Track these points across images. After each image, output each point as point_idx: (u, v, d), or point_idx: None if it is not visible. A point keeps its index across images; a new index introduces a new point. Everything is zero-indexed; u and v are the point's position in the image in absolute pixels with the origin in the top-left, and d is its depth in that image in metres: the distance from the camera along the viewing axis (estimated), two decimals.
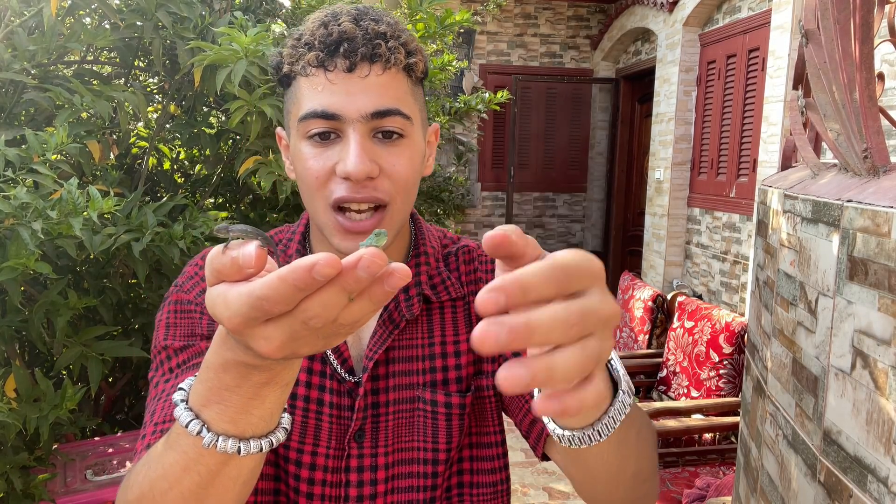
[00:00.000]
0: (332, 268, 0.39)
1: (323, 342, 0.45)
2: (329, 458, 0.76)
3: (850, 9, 0.81)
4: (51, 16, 1.48)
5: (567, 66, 6.46)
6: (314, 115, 0.69)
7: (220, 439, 0.51)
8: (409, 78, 0.73)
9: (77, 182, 1.32)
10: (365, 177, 0.68)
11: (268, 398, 0.51)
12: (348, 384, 0.76)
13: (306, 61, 0.69)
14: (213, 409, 0.51)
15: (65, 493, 1.55)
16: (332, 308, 0.40)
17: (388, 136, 0.71)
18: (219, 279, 0.43)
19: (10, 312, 1.47)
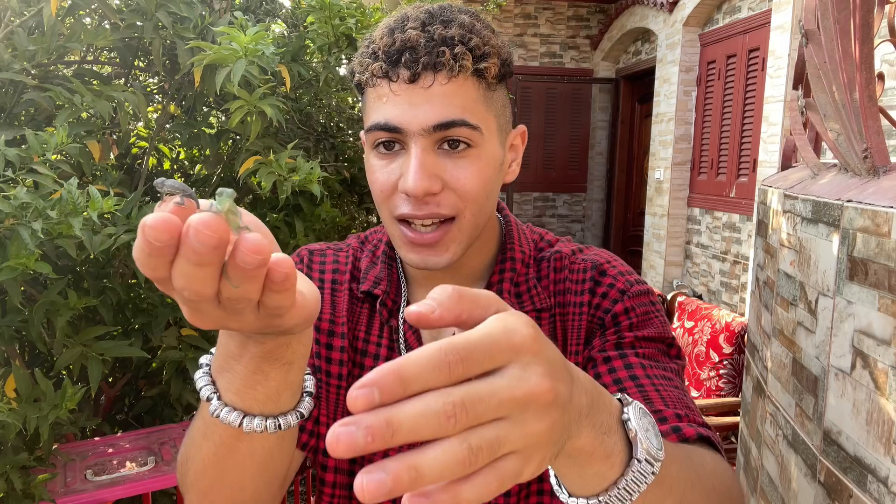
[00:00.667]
0: (160, 231, 0.36)
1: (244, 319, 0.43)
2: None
3: (850, 9, 0.81)
4: (51, 16, 1.48)
5: (567, 66, 6.46)
6: (378, 127, 0.68)
7: (225, 410, 0.51)
8: (480, 83, 0.68)
9: (77, 182, 1.32)
10: (424, 194, 0.66)
11: (271, 374, 0.50)
12: None
13: (371, 71, 0.68)
14: (225, 378, 0.51)
15: (65, 493, 1.55)
16: (194, 279, 0.38)
17: (455, 147, 0.68)
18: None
19: (10, 312, 1.47)
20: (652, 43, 5.53)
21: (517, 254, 0.79)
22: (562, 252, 0.80)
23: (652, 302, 0.76)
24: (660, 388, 0.69)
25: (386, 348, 0.76)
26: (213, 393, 0.52)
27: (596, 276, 0.77)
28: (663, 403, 0.67)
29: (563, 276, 0.78)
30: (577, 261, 0.79)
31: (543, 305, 0.77)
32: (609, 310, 0.75)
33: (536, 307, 0.76)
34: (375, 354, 0.76)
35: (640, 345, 0.73)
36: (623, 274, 0.77)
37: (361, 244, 0.83)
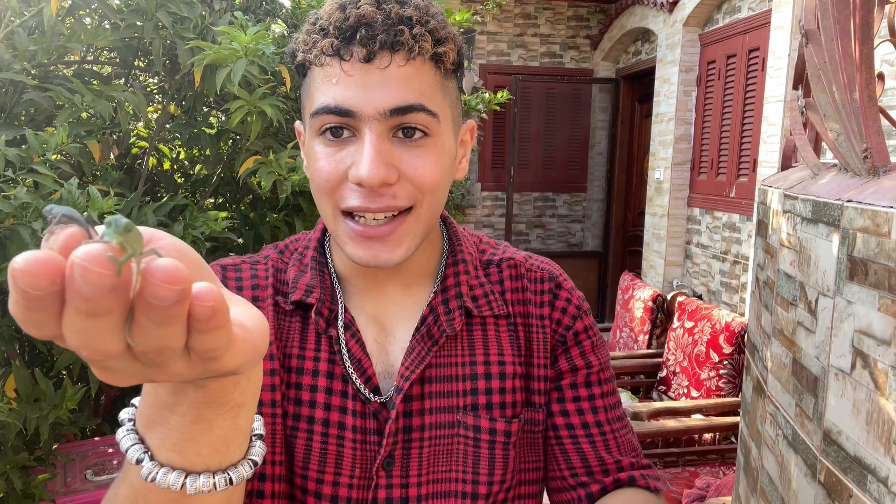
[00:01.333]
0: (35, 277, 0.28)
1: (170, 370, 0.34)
2: (353, 488, 0.67)
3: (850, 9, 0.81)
4: (51, 16, 1.48)
5: (567, 66, 6.46)
6: (326, 110, 0.61)
7: (161, 471, 0.42)
8: (437, 69, 0.63)
9: (77, 182, 1.32)
10: (380, 184, 0.60)
11: (215, 423, 0.42)
12: (373, 405, 0.67)
13: (320, 49, 0.61)
14: (157, 433, 0.42)
15: (65, 493, 1.55)
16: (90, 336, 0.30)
17: (410, 135, 0.62)
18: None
19: (10, 313, 1.47)
20: (652, 43, 5.53)
21: (467, 255, 0.75)
22: (515, 259, 0.77)
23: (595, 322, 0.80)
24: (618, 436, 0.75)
25: (326, 361, 0.69)
26: (144, 453, 0.42)
27: (554, 288, 0.76)
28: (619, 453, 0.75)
29: (521, 284, 0.76)
30: (533, 269, 0.77)
31: (501, 312, 0.74)
32: (570, 327, 0.75)
33: (495, 313, 0.73)
34: (314, 370, 0.68)
35: (604, 378, 0.76)
36: (573, 289, 0.78)
37: (281, 253, 0.75)
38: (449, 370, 0.70)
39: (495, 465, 0.70)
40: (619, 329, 4.35)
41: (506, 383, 0.71)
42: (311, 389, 0.68)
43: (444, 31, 0.64)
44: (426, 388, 0.69)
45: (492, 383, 0.71)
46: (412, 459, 0.68)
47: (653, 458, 2.95)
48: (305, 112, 0.66)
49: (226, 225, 1.57)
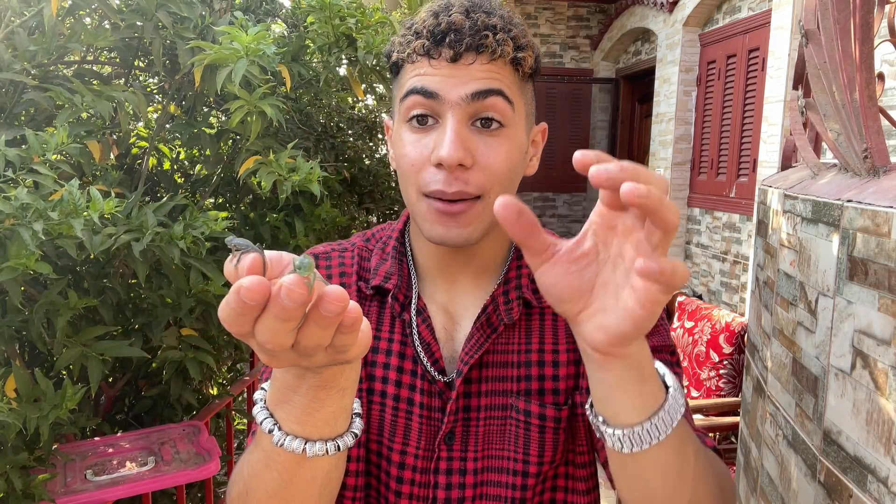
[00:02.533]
0: (253, 291, 0.41)
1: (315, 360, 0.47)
2: (418, 458, 0.75)
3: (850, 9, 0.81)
4: (51, 16, 1.48)
5: (567, 66, 6.46)
6: (414, 91, 0.68)
7: (288, 438, 0.54)
8: (515, 71, 0.70)
9: (77, 182, 1.32)
10: (457, 163, 0.66)
11: (327, 401, 0.53)
12: (439, 385, 0.75)
13: (413, 49, 0.69)
14: (283, 409, 0.54)
15: (65, 493, 1.55)
16: (277, 334, 0.43)
17: (487, 125, 0.69)
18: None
19: (10, 312, 1.47)
20: (652, 43, 5.53)
21: None
22: None
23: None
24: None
25: (398, 343, 0.77)
26: (274, 425, 0.54)
27: None
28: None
29: None
30: None
31: None
32: None
33: None
34: (388, 350, 0.76)
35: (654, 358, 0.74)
36: None
37: (367, 241, 0.83)
38: (505, 357, 0.76)
39: (545, 447, 0.75)
40: None
41: (558, 371, 0.76)
42: (384, 367, 0.76)
43: (524, 39, 0.71)
44: (484, 373, 0.75)
45: (545, 370, 0.76)
46: (470, 436, 0.75)
47: None
48: (396, 102, 0.73)
49: (226, 225, 1.57)
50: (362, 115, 2.47)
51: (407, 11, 2.05)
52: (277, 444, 0.54)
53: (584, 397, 0.76)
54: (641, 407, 0.54)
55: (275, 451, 0.55)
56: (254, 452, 0.59)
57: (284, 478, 0.56)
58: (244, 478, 0.61)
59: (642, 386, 0.54)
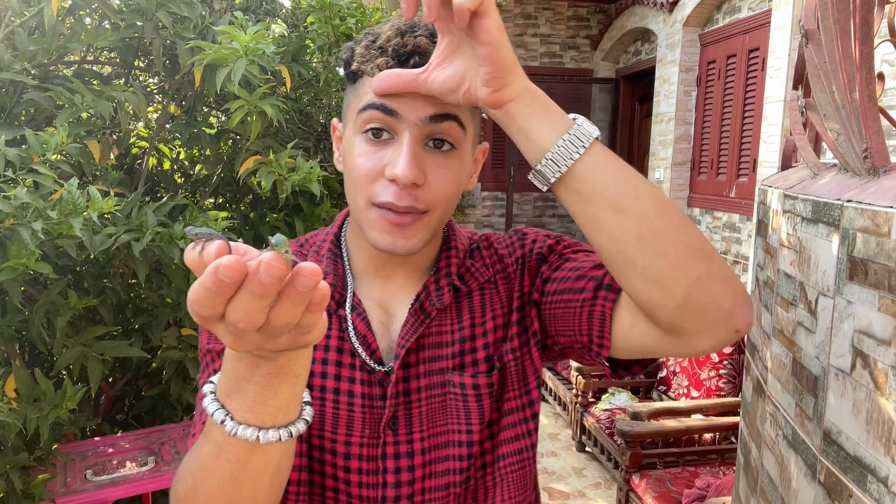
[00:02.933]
0: (232, 269, 0.42)
1: (280, 342, 0.49)
2: (364, 446, 0.77)
3: (850, 9, 0.81)
4: (51, 16, 1.48)
5: (567, 66, 6.46)
6: (374, 106, 0.70)
7: (241, 428, 0.55)
8: None
9: (77, 182, 1.32)
10: (411, 183, 0.69)
11: (280, 389, 0.54)
12: (378, 374, 0.78)
13: (377, 64, 0.71)
14: (235, 399, 0.55)
15: (65, 493, 1.55)
16: (250, 311, 0.44)
17: (440, 146, 0.72)
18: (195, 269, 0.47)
19: (10, 312, 1.47)
20: (652, 43, 5.53)
21: (459, 245, 0.86)
22: (485, 234, 0.91)
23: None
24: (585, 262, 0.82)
25: (336, 339, 0.79)
26: (226, 415, 0.55)
27: (519, 235, 0.88)
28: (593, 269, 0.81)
29: (492, 250, 0.87)
30: (500, 236, 0.90)
31: (485, 278, 0.84)
32: (542, 246, 0.85)
33: (480, 281, 0.84)
34: (325, 346, 0.79)
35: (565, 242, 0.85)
36: (539, 232, 0.88)
37: (301, 247, 0.86)
38: (440, 338, 0.80)
39: (484, 413, 0.80)
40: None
41: (488, 339, 0.81)
42: (322, 363, 0.78)
43: None
44: (421, 355, 0.79)
45: (476, 343, 0.81)
46: (413, 418, 0.78)
47: (653, 458, 2.95)
48: (351, 111, 0.75)
49: (226, 225, 1.57)
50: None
51: None
52: (230, 433, 0.55)
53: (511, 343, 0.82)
54: (553, 128, 0.64)
55: (227, 441, 0.56)
56: (202, 446, 0.60)
57: (236, 467, 0.58)
58: (192, 471, 0.62)
59: (548, 112, 0.65)
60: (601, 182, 0.64)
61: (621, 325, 0.74)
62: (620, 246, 0.65)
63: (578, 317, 0.77)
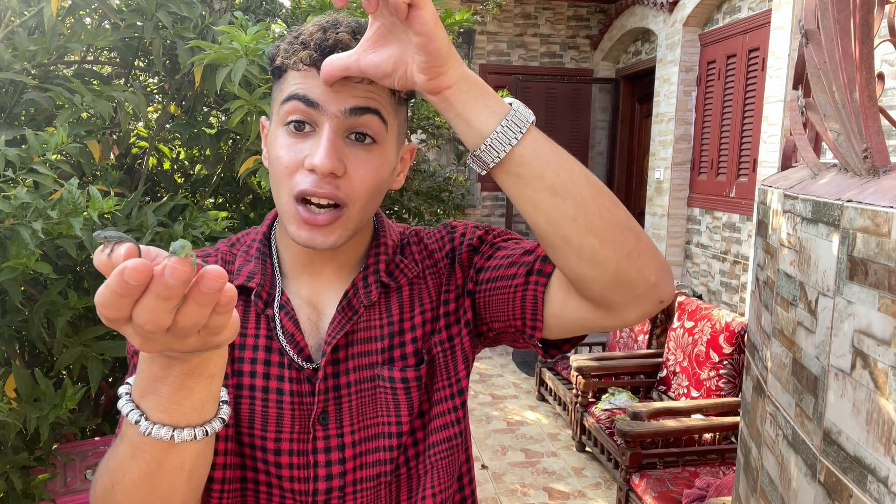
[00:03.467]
0: (138, 272, 0.43)
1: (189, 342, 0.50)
2: (294, 441, 0.78)
3: (850, 9, 0.81)
4: (51, 16, 1.48)
5: (567, 66, 6.46)
6: (296, 97, 0.72)
7: (155, 427, 0.56)
8: (392, 95, 0.76)
9: (77, 182, 1.32)
10: (329, 172, 0.71)
11: (195, 389, 0.55)
12: (307, 371, 0.79)
13: (300, 58, 0.72)
14: (150, 400, 0.56)
15: (65, 493, 1.55)
16: (157, 313, 0.46)
17: (361, 140, 0.73)
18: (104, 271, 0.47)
19: (10, 312, 1.47)
20: (652, 43, 5.53)
21: (388, 241, 0.87)
22: (416, 230, 0.91)
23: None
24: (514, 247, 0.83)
25: (264, 338, 0.80)
26: (141, 415, 0.56)
27: (448, 229, 0.89)
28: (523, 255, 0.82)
29: (422, 245, 0.88)
30: (430, 230, 0.91)
31: (414, 273, 0.85)
32: (472, 237, 0.86)
33: (408, 276, 0.85)
34: (254, 346, 0.79)
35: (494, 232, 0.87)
36: (468, 224, 0.89)
37: (231, 246, 0.87)
38: (369, 333, 0.82)
39: (413, 405, 0.82)
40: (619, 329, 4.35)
41: (416, 333, 0.83)
42: (251, 362, 0.79)
43: None
44: (350, 351, 0.80)
45: (405, 337, 0.83)
46: (343, 412, 0.79)
47: (653, 458, 2.95)
48: (275, 104, 0.77)
49: (226, 225, 1.57)
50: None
51: None
52: (145, 433, 0.55)
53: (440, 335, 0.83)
54: (491, 114, 0.66)
55: (142, 440, 0.56)
56: (119, 446, 0.61)
57: (152, 467, 0.58)
58: (109, 471, 0.62)
59: (485, 98, 0.66)
60: (538, 166, 0.66)
61: (553, 305, 0.76)
62: (556, 226, 0.68)
63: (511, 302, 0.79)
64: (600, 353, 4.06)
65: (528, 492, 3.34)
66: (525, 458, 3.71)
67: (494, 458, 3.69)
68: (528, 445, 3.88)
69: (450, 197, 2.85)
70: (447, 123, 2.57)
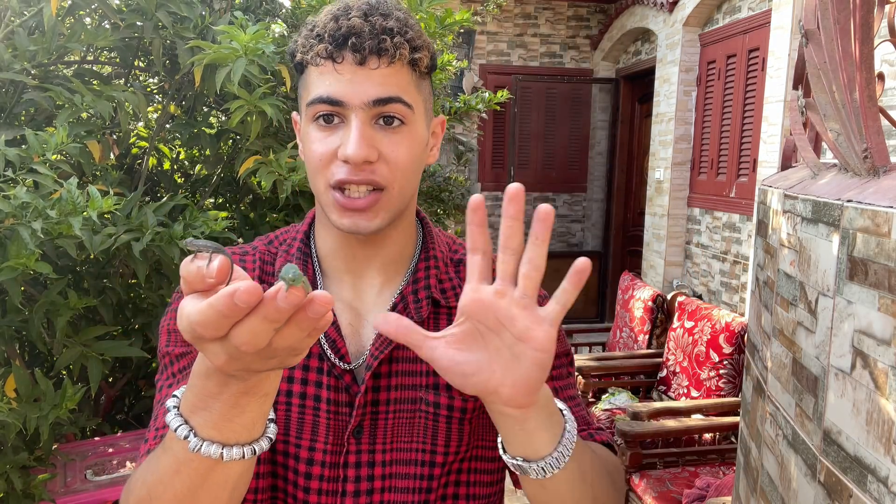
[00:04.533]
0: (251, 294, 0.43)
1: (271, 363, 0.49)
2: (327, 453, 0.77)
3: (850, 9, 0.81)
4: (51, 16, 1.48)
5: (567, 66, 6.46)
6: (320, 100, 0.73)
7: (205, 444, 0.55)
8: (413, 71, 0.75)
9: (77, 182, 1.32)
10: (363, 161, 0.71)
11: (248, 407, 0.54)
12: (346, 379, 0.77)
13: (316, 52, 0.73)
14: (200, 416, 0.55)
15: (65, 493, 1.55)
16: (258, 335, 0.45)
17: (390, 123, 0.74)
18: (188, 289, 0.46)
19: (10, 312, 1.47)
20: (652, 43, 5.53)
21: (438, 253, 0.85)
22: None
23: None
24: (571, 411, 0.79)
25: None
26: (190, 431, 0.55)
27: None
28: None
29: None
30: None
31: None
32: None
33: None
34: None
35: (554, 365, 0.82)
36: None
37: (269, 244, 0.86)
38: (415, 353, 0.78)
39: (451, 437, 0.79)
40: (619, 329, 4.35)
41: None
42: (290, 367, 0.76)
43: (419, 41, 0.76)
44: (394, 367, 0.78)
45: None
46: (378, 429, 0.77)
47: (653, 458, 2.95)
48: (302, 102, 0.77)
49: (226, 225, 1.57)
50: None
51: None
52: (194, 449, 0.55)
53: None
54: (552, 437, 0.62)
55: (188, 456, 0.56)
56: (161, 459, 0.60)
57: (196, 482, 0.58)
58: (147, 484, 0.61)
59: (551, 418, 0.62)
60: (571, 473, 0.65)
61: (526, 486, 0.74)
62: None
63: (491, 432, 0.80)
64: (600, 354, 4.06)
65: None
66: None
67: None
68: None
69: (450, 197, 2.85)
70: (447, 123, 2.57)
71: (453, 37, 2.16)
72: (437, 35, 2.00)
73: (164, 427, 0.70)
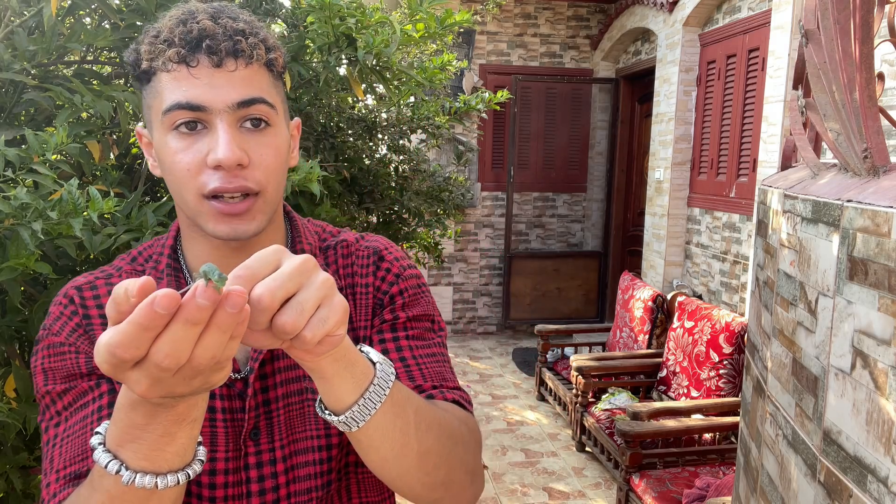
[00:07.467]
0: (171, 299, 0.42)
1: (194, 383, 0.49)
2: (229, 460, 0.77)
3: (850, 9, 0.81)
4: (51, 16, 1.48)
5: (567, 66, 6.46)
6: (179, 106, 0.69)
7: (138, 476, 0.54)
8: (270, 72, 0.75)
9: (77, 182, 1.32)
10: (236, 164, 0.69)
11: (178, 435, 0.54)
12: (238, 386, 0.78)
13: (167, 57, 0.69)
14: (129, 448, 0.54)
15: None
16: (179, 344, 0.44)
17: (257, 125, 0.72)
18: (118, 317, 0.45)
19: (10, 312, 1.47)
20: (652, 43, 5.53)
21: (306, 245, 0.85)
22: (347, 240, 0.88)
23: (420, 284, 0.88)
24: (423, 367, 0.82)
25: None
26: (120, 465, 0.55)
27: (376, 260, 0.86)
28: (423, 379, 0.81)
29: (350, 261, 0.86)
30: (361, 247, 0.88)
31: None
32: (387, 292, 0.84)
33: None
34: None
35: (410, 325, 0.84)
36: (398, 259, 0.87)
37: (133, 262, 0.84)
38: None
39: None
40: (619, 329, 4.35)
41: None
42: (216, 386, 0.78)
43: (272, 41, 0.76)
44: (276, 365, 0.79)
45: None
46: (274, 427, 0.78)
47: (653, 458, 2.95)
48: (153, 113, 0.73)
49: None
50: (362, 115, 2.47)
51: (407, 11, 2.05)
52: (127, 483, 0.54)
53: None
54: (355, 387, 0.61)
55: (121, 490, 0.55)
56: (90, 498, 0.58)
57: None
58: None
59: (353, 369, 0.61)
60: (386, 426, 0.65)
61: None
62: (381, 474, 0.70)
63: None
64: (600, 353, 4.06)
65: (528, 492, 3.34)
66: (525, 458, 3.71)
67: (494, 458, 3.69)
68: (527, 445, 3.88)
69: (450, 197, 2.85)
70: (447, 123, 2.57)
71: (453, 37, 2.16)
72: (437, 35, 2.00)
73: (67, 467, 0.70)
